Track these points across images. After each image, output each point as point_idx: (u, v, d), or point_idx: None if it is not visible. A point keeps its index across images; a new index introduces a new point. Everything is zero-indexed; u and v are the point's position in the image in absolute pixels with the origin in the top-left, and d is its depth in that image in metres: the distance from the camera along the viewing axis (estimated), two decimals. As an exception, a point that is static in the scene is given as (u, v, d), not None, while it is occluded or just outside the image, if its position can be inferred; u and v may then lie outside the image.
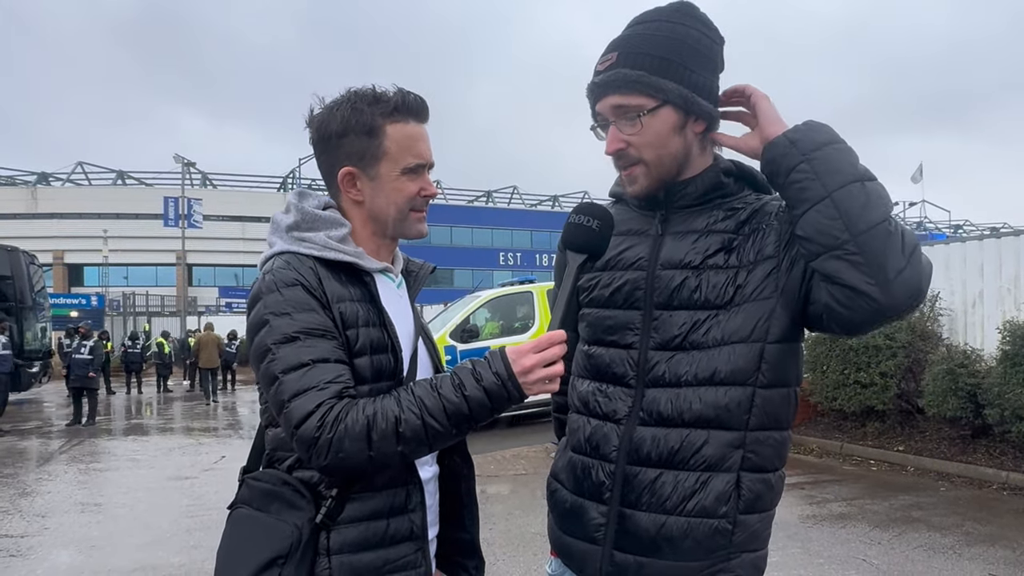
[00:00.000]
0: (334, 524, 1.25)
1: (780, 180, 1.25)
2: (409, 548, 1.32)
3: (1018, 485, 6.54)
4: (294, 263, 1.29)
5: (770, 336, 1.30)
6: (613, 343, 1.40)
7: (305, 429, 1.16)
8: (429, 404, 1.19)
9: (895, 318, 1.20)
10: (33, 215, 45.28)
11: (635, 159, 1.35)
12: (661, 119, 1.31)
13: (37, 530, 6.02)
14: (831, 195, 1.18)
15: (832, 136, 1.24)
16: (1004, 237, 8.30)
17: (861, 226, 1.16)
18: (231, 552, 1.28)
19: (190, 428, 12.62)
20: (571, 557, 1.44)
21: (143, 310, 35.69)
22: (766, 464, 1.33)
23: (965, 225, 60.66)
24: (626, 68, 1.30)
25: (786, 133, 1.25)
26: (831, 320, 1.24)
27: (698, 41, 1.32)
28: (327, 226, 1.35)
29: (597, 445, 1.38)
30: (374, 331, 1.30)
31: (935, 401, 7.41)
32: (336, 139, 1.34)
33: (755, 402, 1.30)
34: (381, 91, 1.35)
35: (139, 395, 19.58)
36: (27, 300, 16.77)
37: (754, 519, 1.32)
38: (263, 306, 1.25)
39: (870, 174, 1.21)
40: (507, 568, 4.72)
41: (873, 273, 1.15)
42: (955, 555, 4.80)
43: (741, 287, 1.30)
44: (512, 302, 11.63)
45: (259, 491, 1.30)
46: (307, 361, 1.20)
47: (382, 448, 1.17)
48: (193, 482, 7.88)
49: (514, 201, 54.92)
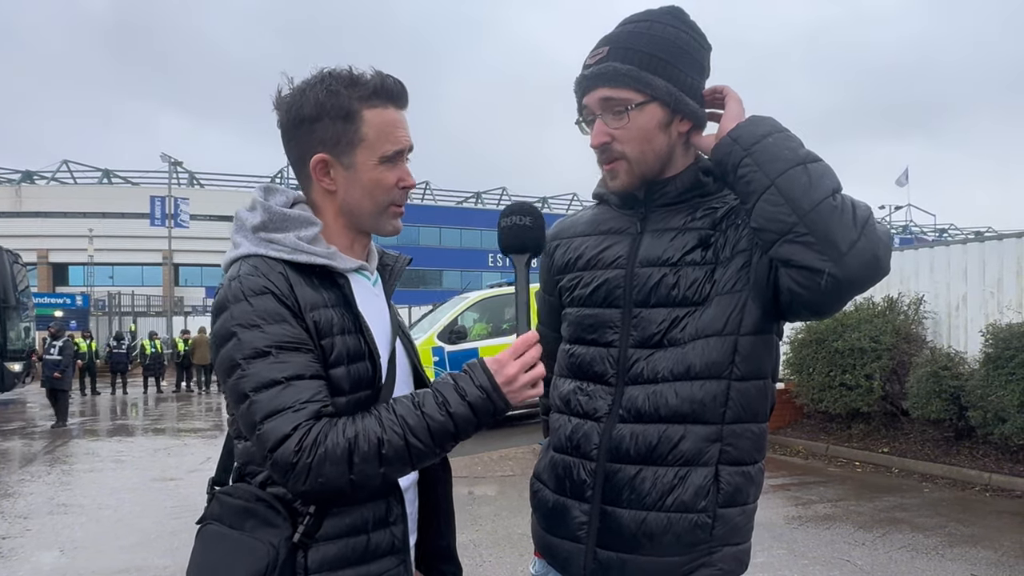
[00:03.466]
0: (312, 541, 1.17)
1: (730, 178, 1.28)
2: (391, 562, 1.26)
3: (1000, 486, 6.61)
4: (262, 268, 1.19)
5: (743, 328, 1.31)
6: (593, 341, 1.41)
7: (281, 453, 1.08)
8: (412, 423, 1.14)
9: (858, 290, 1.20)
10: (17, 214, 44.80)
11: (618, 154, 1.36)
12: (648, 115, 1.33)
13: (19, 531, 5.97)
14: (774, 182, 1.20)
15: (773, 127, 1.26)
16: (987, 241, 8.39)
17: (806, 206, 1.17)
18: (204, 572, 1.20)
19: (175, 429, 12.54)
20: (555, 556, 1.44)
21: (129, 310, 35.42)
22: (744, 457, 1.34)
23: (950, 229, 61.22)
24: (616, 62, 1.32)
25: (729, 132, 1.27)
26: (798, 305, 1.25)
27: (687, 43, 1.34)
28: (297, 226, 1.24)
29: (578, 444, 1.39)
30: (350, 338, 1.22)
31: (919, 403, 7.48)
32: (308, 124, 1.24)
33: (730, 395, 1.31)
34: (359, 73, 1.25)
35: (124, 396, 19.43)
36: (10, 299, 16.64)
37: (734, 512, 1.33)
38: (230, 316, 1.15)
39: (812, 156, 1.23)
40: (494, 569, 4.72)
41: (825, 249, 1.16)
42: (938, 556, 4.85)
43: (717, 282, 1.32)
44: (500, 303, 11.64)
45: (231, 508, 1.21)
46: (280, 379, 1.12)
47: (364, 471, 1.11)
48: (178, 483, 7.82)
49: (503, 202, 54.93)
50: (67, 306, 29.23)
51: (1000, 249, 8.08)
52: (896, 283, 9.05)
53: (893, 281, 9.14)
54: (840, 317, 8.60)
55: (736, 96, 1.34)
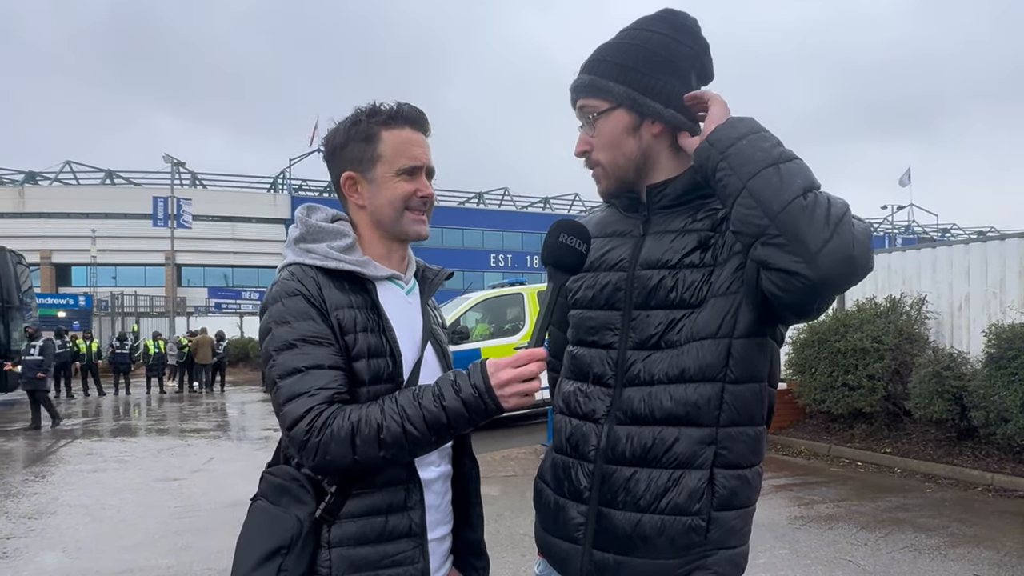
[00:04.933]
0: (335, 519, 1.32)
1: (712, 183, 1.27)
2: (407, 544, 1.36)
3: (1003, 487, 6.61)
4: (298, 274, 1.37)
5: (736, 331, 1.31)
6: (594, 343, 1.42)
7: (296, 432, 1.26)
8: (410, 413, 1.26)
9: (835, 290, 1.18)
10: (20, 214, 44.84)
11: (595, 161, 1.41)
12: (613, 121, 1.37)
13: (23, 531, 5.98)
14: (746, 185, 1.19)
15: (749, 128, 1.25)
16: (990, 241, 8.38)
17: (776, 208, 1.16)
18: (244, 540, 1.37)
19: (179, 429, 12.56)
20: (554, 556, 1.45)
21: (131, 310, 35.46)
22: (740, 460, 1.34)
23: (953, 229, 61.15)
24: (585, 73, 1.40)
25: (708, 136, 1.27)
26: (780, 307, 1.25)
27: (662, 46, 1.36)
28: (330, 237, 1.42)
29: (577, 445, 1.40)
30: (372, 336, 1.36)
31: (922, 403, 7.47)
32: (340, 150, 1.45)
33: (724, 398, 1.31)
34: (380, 104, 1.44)
35: (127, 396, 19.46)
36: (14, 300, 16.66)
37: (730, 516, 1.33)
38: (268, 315, 1.35)
39: (787, 155, 1.21)
40: (496, 570, 4.70)
41: (797, 251, 1.14)
42: (940, 556, 4.84)
43: (713, 284, 1.32)
44: (502, 304, 11.65)
45: (273, 485, 1.39)
46: (301, 367, 1.29)
47: (366, 452, 1.25)
48: (181, 483, 7.84)
49: (505, 203, 54.92)
50: (70, 307, 29.29)
51: (1003, 249, 8.08)
52: (898, 283, 9.05)
53: (895, 281, 9.14)
54: (842, 317, 8.61)
55: (719, 99, 1.33)
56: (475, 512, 1.56)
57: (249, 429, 12.81)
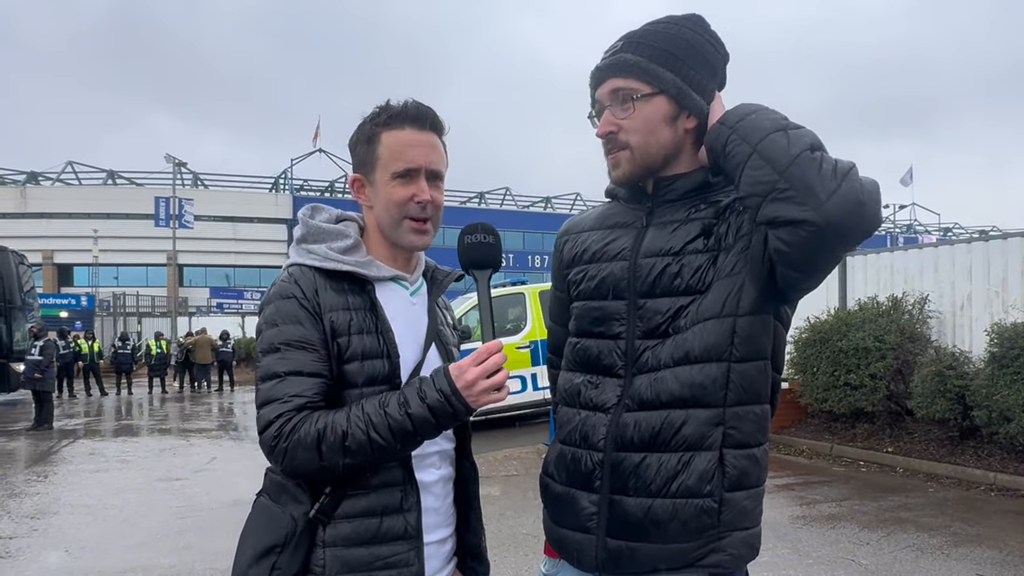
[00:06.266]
0: (329, 519, 1.32)
1: (721, 161, 1.30)
2: (402, 547, 1.36)
3: (1005, 486, 6.60)
4: (296, 275, 1.38)
5: (740, 309, 1.31)
6: (601, 334, 1.42)
7: (265, 436, 1.29)
8: (375, 421, 1.27)
9: (843, 239, 1.19)
10: (22, 214, 44.83)
11: (622, 143, 1.39)
12: (654, 106, 1.36)
13: (26, 531, 5.99)
14: (755, 149, 1.23)
15: (758, 106, 1.30)
16: (992, 240, 8.36)
17: (784, 161, 1.19)
18: (244, 536, 1.39)
19: (181, 429, 12.57)
20: (566, 548, 1.45)
21: (133, 310, 35.50)
22: (749, 439, 1.34)
23: (955, 228, 61.03)
24: (628, 53, 1.37)
25: (718, 119, 1.31)
26: (786, 266, 1.25)
27: (702, 46, 1.38)
28: (331, 238, 1.42)
29: (586, 435, 1.40)
30: (368, 338, 1.35)
31: (924, 403, 7.47)
32: (351, 153, 1.46)
33: (731, 377, 1.32)
34: (388, 103, 1.43)
35: (129, 396, 19.48)
36: (16, 300, 16.65)
37: (741, 496, 1.34)
38: (263, 316, 1.37)
39: (795, 124, 1.25)
40: (498, 570, 4.72)
41: (805, 199, 1.16)
42: (943, 555, 4.84)
43: (719, 269, 1.33)
44: (504, 303, 11.63)
45: (274, 483, 1.39)
46: (281, 372, 1.30)
47: (331, 459, 1.26)
48: (184, 483, 7.85)
49: (506, 202, 54.88)
50: (72, 307, 29.34)
51: (1005, 248, 8.06)
52: (901, 282, 9.04)
53: (897, 280, 9.13)
54: (844, 316, 8.60)
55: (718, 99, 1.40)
56: (474, 516, 1.55)
57: (251, 429, 12.79)
